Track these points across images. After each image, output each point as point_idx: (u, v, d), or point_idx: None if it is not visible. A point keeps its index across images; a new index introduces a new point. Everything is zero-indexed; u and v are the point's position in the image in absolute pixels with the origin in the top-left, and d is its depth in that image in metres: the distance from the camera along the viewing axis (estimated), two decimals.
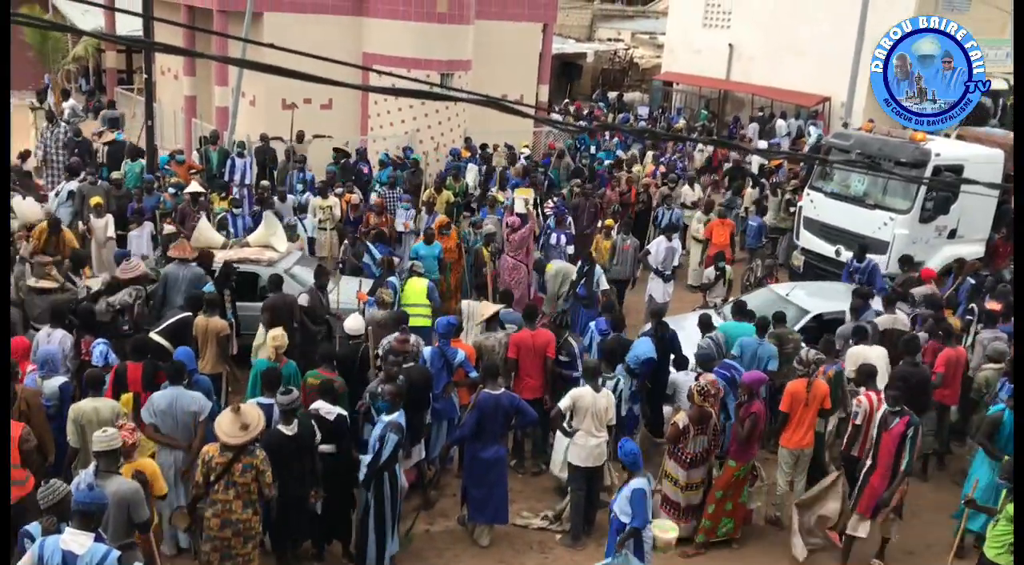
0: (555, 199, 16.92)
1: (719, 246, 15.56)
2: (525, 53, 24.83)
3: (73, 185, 14.50)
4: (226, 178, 16.82)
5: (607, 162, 20.50)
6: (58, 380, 8.41)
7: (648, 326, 10.80)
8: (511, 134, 21.41)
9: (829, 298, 12.57)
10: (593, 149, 22.03)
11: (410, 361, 9.14)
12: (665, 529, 7.91)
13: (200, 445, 7.56)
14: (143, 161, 16.56)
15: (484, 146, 20.68)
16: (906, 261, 13.93)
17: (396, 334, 9.45)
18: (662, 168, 19.64)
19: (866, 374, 9.38)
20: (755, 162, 21.56)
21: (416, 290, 11.78)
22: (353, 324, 9.74)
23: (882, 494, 8.52)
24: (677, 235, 15.06)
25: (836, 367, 9.85)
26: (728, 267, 14.64)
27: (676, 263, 14.69)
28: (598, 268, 13.22)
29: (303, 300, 10.53)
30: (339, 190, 15.67)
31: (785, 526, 9.38)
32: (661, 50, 35.61)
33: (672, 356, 10.37)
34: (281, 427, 7.61)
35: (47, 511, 5.87)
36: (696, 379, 9.15)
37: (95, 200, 13.44)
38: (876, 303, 11.83)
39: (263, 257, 12.11)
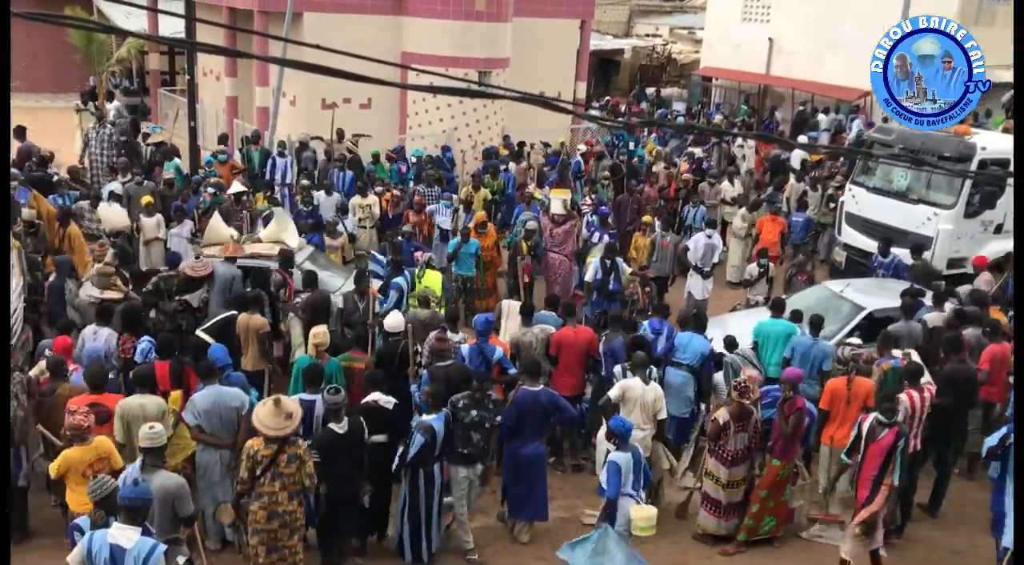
0: (594, 197, 16.89)
1: (766, 243, 15.38)
2: (563, 50, 24.81)
3: (116, 185, 14.75)
4: (267, 177, 17.01)
5: (647, 158, 20.45)
6: None
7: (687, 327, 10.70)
8: (549, 132, 21.40)
9: (884, 295, 12.39)
10: (632, 145, 21.94)
11: (449, 359, 9.18)
12: (641, 509, 7.95)
13: (244, 439, 7.63)
14: (178, 160, 16.82)
15: (522, 144, 20.69)
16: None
17: (435, 333, 9.49)
18: (683, 164, 19.44)
19: (910, 373, 9.26)
20: (796, 157, 21.33)
21: (431, 282, 11.98)
22: (393, 321, 9.81)
23: (860, 504, 8.16)
24: (717, 231, 14.96)
25: (895, 362, 9.66)
26: (771, 265, 14.49)
27: (716, 260, 14.59)
28: (622, 263, 13.27)
29: (338, 302, 10.55)
30: (379, 188, 15.78)
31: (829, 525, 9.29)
32: (699, 45, 35.36)
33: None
34: (332, 425, 7.67)
35: (96, 505, 6.00)
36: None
37: (146, 199, 13.65)
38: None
39: (275, 252, 12.17)
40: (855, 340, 11.28)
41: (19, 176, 14.35)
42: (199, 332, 9.95)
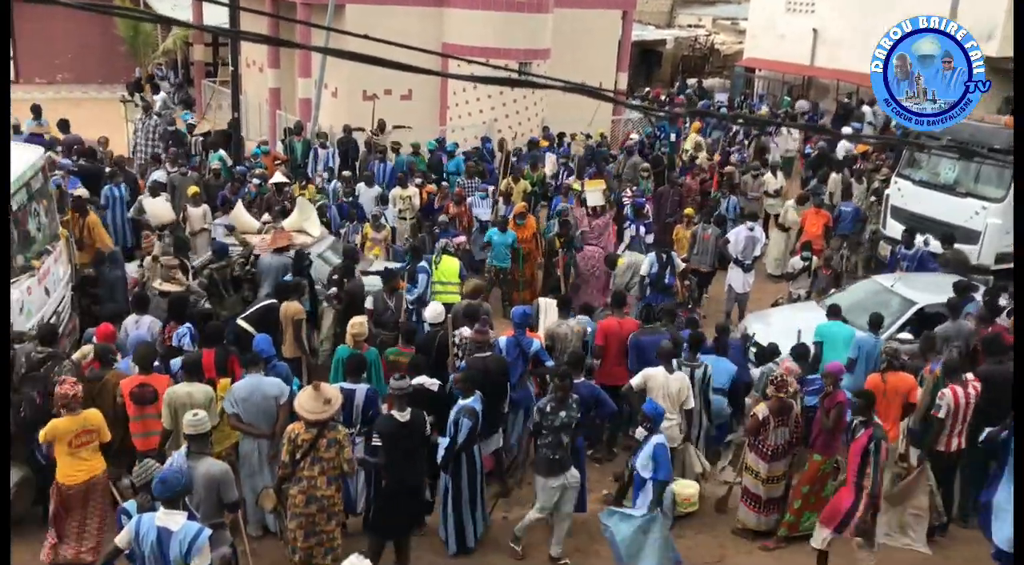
0: (633, 189, 16.81)
1: (810, 236, 15.18)
2: (604, 41, 24.71)
3: (161, 174, 14.97)
4: (309, 168, 17.15)
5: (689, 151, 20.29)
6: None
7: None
8: (589, 122, 21.34)
9: (936, 290, 12.20)
10: (673, 137, 21.79)
11: (487, 351, 9.20)
12: (685, 486, 8.13)
13: (282, 429, 7.72)
14: (223, 152, 17.03)
15: (562, 135, 20.65)
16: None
17: (476, 325, 9.51)
18: (716, 156, 19.24)
19: (951, 368, 9.14)
20: (840, 150, 21.07)
21: (449, 269, 12.05)
22: (433, 312, 9.86)
23: (846, 509, 7.95)
24: (759, 224, 14.82)
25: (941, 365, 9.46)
26: (815, 258, 14.32)
27: (757, 253, 14.44)
28: (676, 258, 13.25)
29: (368, 303, 10.54)
30: (418, 180, 15.84)
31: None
32: (743, 36, 34.99)
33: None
34: (395, 413, 7.71)
35: (142, 489, 6.11)
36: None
37: (192, 190, 13.82)
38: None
39: (296, 241, 12.27)
40: (905, 335, 11.15)
41: (69, 166, 14.66)
42: (240, 321, 10.08)
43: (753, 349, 10.93)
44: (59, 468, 7.58)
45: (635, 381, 9.08)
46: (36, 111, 16.74)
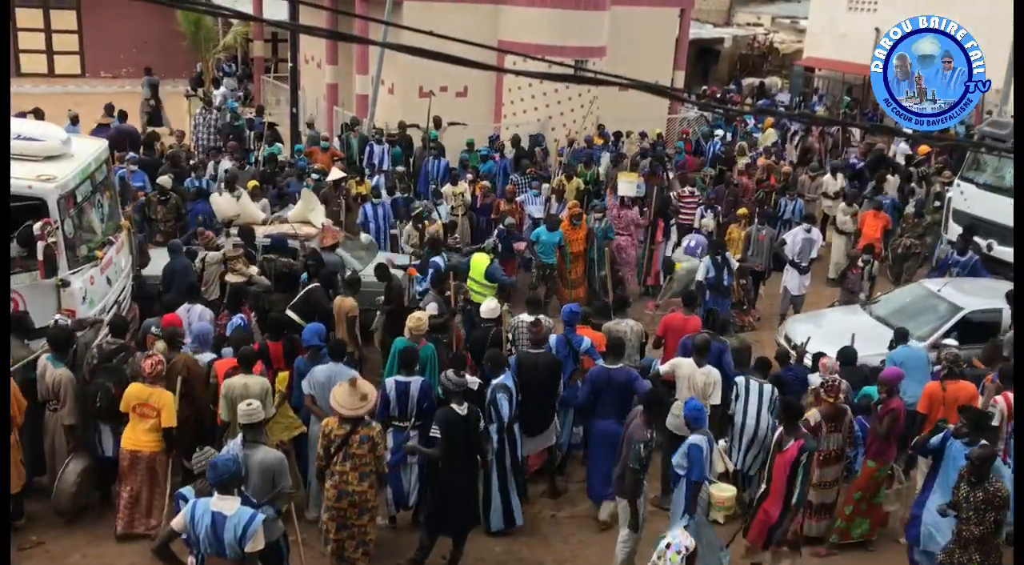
0: (689, 189, 16.66)
1: (869, 239, 14.90)
2: (661, 39, 24.52)
3: (226, 163, 15.33)
4: (365, 164, 17.31)
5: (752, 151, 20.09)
6: (208, 356, 8.90)
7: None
8: (645, 122, 21.25)
9: (984, 294, 11.96)
10: (729, 136, 21.58)
11: (541, 347, 9.23)
12: (722, 489, 8.10)
13: (372, 411, 7.77)
14: (280, 145, 17.29)
15: (618, 134, 20.57)
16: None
17: (529, 321, 9.54)
18: (762, 159, 18.95)
19: (1004, 375, 8.99)
20: (900, 152, 20.70)
21: (477, 267, 12.11)
22: (488, 307, 9.91)
23: (772, 524, 7.73)
24: (816, 226, 14.64)
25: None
26: (876, 262, 14.08)
27: (814, 255, 14.27)
28: (731, 258, 13.22)
29: (432, 309, 10.54)
30: (470, 176, 15.88)
31: None
32: (802, 35, 34.54)
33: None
34: (454, 405, 7.79)
35: (200, 475, 6.26)
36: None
37: (252, 184, 14.03)
38: None
39: (300, 232, 12.37)
40: (951, 341, 10.96)
41: (135, 158, 15.03)
42: (288, 310, 10.20)
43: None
44: (124, 433, 8.08)
45: (663, 368, 9.27)
46: (74, 120, 17.19)
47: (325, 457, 7.39)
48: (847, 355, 9.94)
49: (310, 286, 10.52)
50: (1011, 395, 8.66)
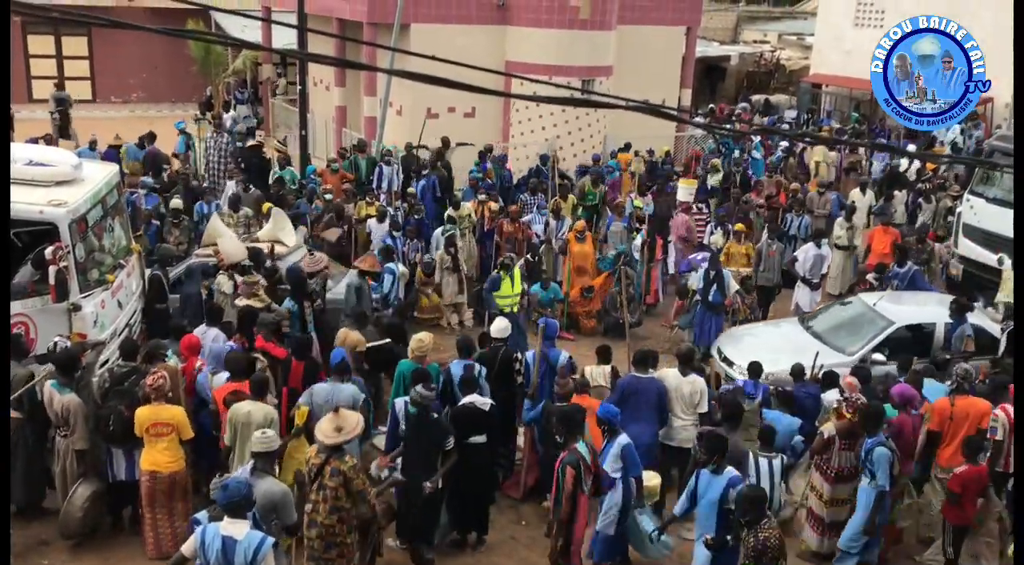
0: (699, 205, 16.70)
1: (879, 255, 14.82)
2: (668, 57, 24.63)
3: (232, 185, 15.48)
4: (374, 186, 17.38)
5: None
6: (225, 375, 8.92)
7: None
8: (654, 139, 21.28)
9: (921, 307, 11.97)
10: (736, 153, 21.60)
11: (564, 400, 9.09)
12: (649, 478, 8.22)
13: (343, 444, 7.74)
14: (292, 168, 17.39)
15: (628, 147, 20.55)
16: None
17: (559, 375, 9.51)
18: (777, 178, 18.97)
19: (994, 387, 9.08)
20: (910, 168, 20.67)
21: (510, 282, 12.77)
22: (498, 327, 9.92)
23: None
24: (826, 241, 14.62)
25: None
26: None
27: (824, 271, 14.26)
28: (727, 272, 13.18)
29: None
30: (482, 196, 15.92)
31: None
32: (809, 51, 34.56)
33: None
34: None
35: (213, 501, 6.28)
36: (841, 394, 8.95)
37: (266, 206, 14.11)
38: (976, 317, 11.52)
39: (275, 250, 12.39)
40: (878, 356, 11.04)
41: (150, 184, 15.18)
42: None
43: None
44: (142, 456, 8.11)
45: None
46: (92, 145, 17.35)
47: (308, 484, 7.29)
48: (797, 371, 10.10)
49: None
50: (1010, 408, 8.61)
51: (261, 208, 14.38)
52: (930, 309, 11.86)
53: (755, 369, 9.98)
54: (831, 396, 9.73)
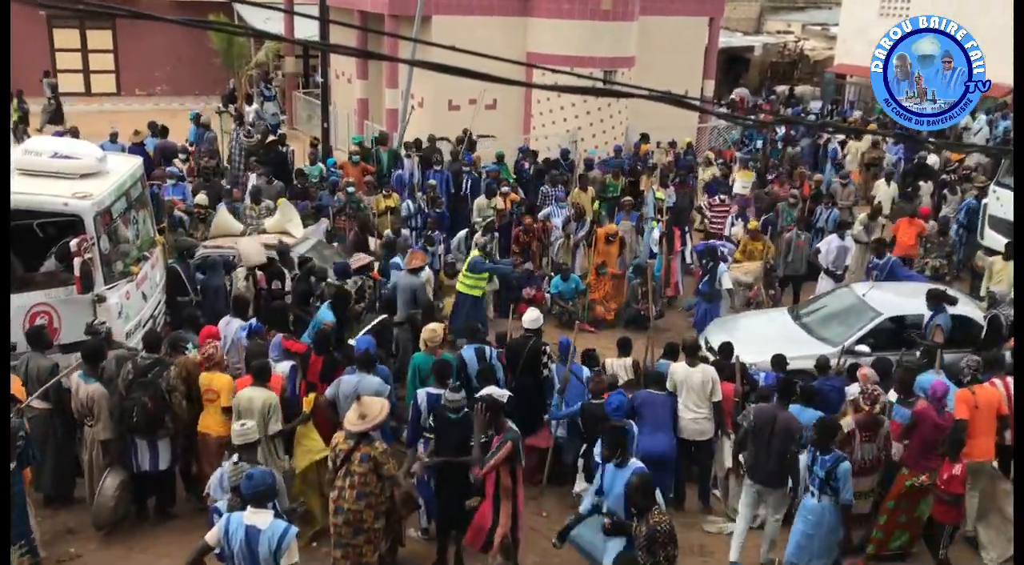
0: (721, 197, 16.63)
1: (904, 248, 14.71)
2: (690, 48, 24.53)
3: (254, 180, 15.55)
4: (393, 180, 17.36)
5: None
6: (287, 363, 8.87)
7: None
8: (675, 130, 21.18)
9: (910, 298, 11.79)
10: (759, 144, 21.49)
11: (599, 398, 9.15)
12: None
13: (368, 430, 7.77)
14: (321, 165, 17.43)
15: (646, 138, 20.44)
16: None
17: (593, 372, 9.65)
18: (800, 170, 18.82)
19: (988, 362, 9.17)
20: (934, 159, 20.46)
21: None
22: (530, 318, 9.89)
23: (488, 526, 7.63)
24: (850, 233, 14.53)
25: None
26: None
27: (848, 262, 14.18)
28: (722, 265, 13.19)
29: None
30: (505, 189, 15.88)
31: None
32: (833, 41, 34.28)
33: None
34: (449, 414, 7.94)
35: (234, 490, 6.31)
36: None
37: (280, 201, 14.13)
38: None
39: (282, 242, 12.32)
40: (863, 348, 10.96)
41: (176, 172, 15.25)
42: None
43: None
44: (200, 419, 8.51)
45: (668, 383, 9.29)
46: (113, 137, 17.51)
47: (332, 470, 7.37)
48: (882, 365, 9.86)
49: (381, 318, 10.48)
50: (1009, 379, 8.76)
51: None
52: (921, 300, 11.58)
53: (779, 362, 9.93)
54: (855, 389, 9.68)
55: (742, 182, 15.81)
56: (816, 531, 7.76)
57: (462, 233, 14.77)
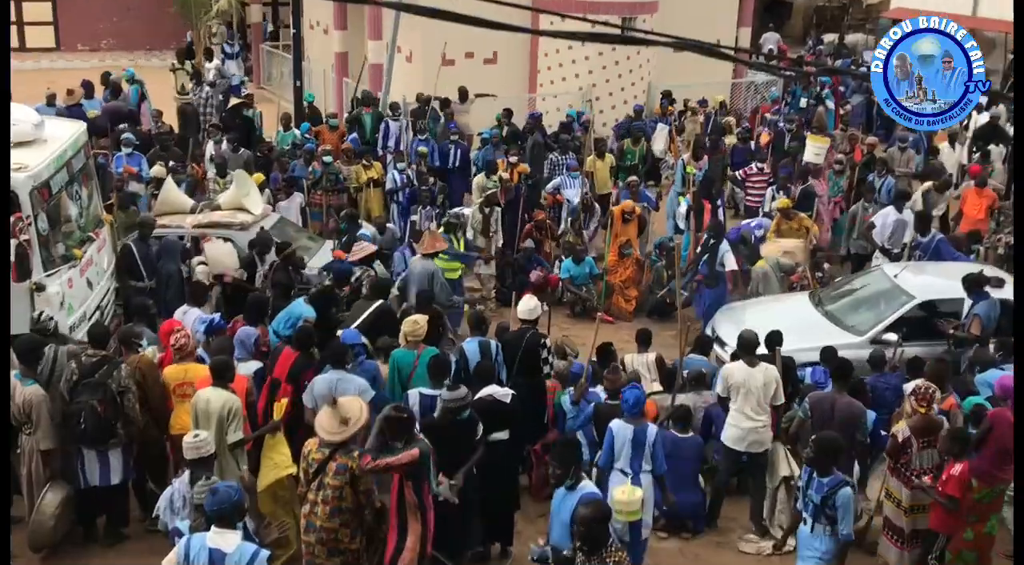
0: (759, 165, 16.51)
1: (972, 221, 14.64)
2: None
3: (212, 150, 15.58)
4: (379, 145, 17.36)
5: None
6: (254, 365, 9.02)
7: None
8: (706, 88, 21.14)
9: (947, 280, 11.73)
10: (803, 102, 21.37)
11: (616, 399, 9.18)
12: (624, 491, 7.69)
13: (353, 438, 7.81)
14: (296, 131, 17.38)
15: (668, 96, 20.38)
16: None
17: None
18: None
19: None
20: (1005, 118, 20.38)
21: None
22: (527, 308, 9.89)
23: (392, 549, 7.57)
24: (909, 205, 14.46)
25: None
26: (981, 249, 13.87)
27: (907, 239, 14.10)
28: (724, 244, 13.22)
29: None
30: (514, 158, 15.77)
31: None
32: None
33: None
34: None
35: (197, 508, 6.33)
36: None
37: (258, 178, 14.15)
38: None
39: (235, 220, 12.34)
40: (891, 336, 10.94)
41: (129, 140, 15.19)
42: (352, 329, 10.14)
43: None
44: (172, 417, 8.59)
45: (718, 388, 9.37)
46: (51, 99, 17.48)
47: (305, 482, 7.37)
48: (876, 359, 10.05)
49: (378, 305, 10.47)
50: None
51: (251, 171, 14.40)
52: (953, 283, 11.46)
53: (830, 355, 9.92)
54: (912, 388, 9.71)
55: (815, 148, 15.50)
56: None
57: (468, 210, 14.72)
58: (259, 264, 11.64)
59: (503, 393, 8.50)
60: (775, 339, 9.93)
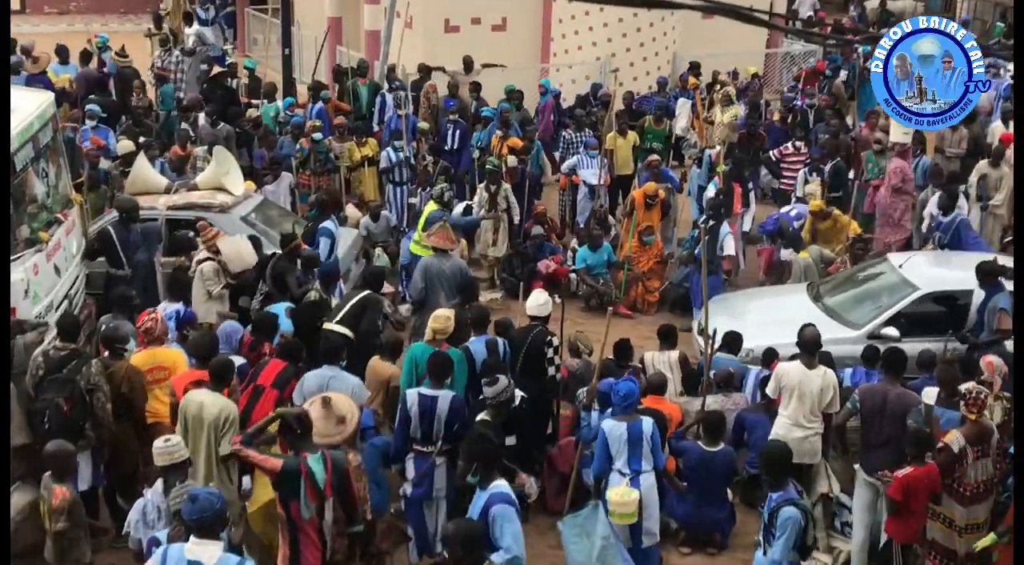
0: (796, 144, 16.45)
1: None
2: None
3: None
4: (375, 119, 17.34)
5: None
6: (237, 361, 8.95)
7: None
8: (736, 58, 21.07)
9: (959, 271, 11.78)
10: (844, 75, 21.30)
11: None
12: (620, 492, 8.04)
13: (352, 437, 7.81)
14: (279, 103, 17.36)
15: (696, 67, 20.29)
16: None
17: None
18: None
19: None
20: None
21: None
22: (536, 303, 9.89)
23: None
24: (961, 189, 14.35)
25: None
26: None
27: (926, 218, 14.06)
28: (725, 226, 13.26)
29: None
30: (499, 132, 15.85)
31: None
32: None
33: None
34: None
35: (175, 516, 6.36)
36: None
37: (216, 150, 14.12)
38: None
39: (214, 202, 12.36)
40: (891, 330, 10.93)
41: (98, 112, 15.19)
42: (331, 325, 10.17)
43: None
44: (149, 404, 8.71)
45: (769, 388, 9.40)
46: (15, 67, 17.37)
47: None
48: (926, 360, 9.93)
49: (361, 295, 10.56)
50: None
51: (232, 148, 14.43)
52: (968, 273, 11.41)
53: (873, 355, 9.97)
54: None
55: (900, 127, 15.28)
56: None
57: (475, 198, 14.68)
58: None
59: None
60: (736, 340, 10.26)
